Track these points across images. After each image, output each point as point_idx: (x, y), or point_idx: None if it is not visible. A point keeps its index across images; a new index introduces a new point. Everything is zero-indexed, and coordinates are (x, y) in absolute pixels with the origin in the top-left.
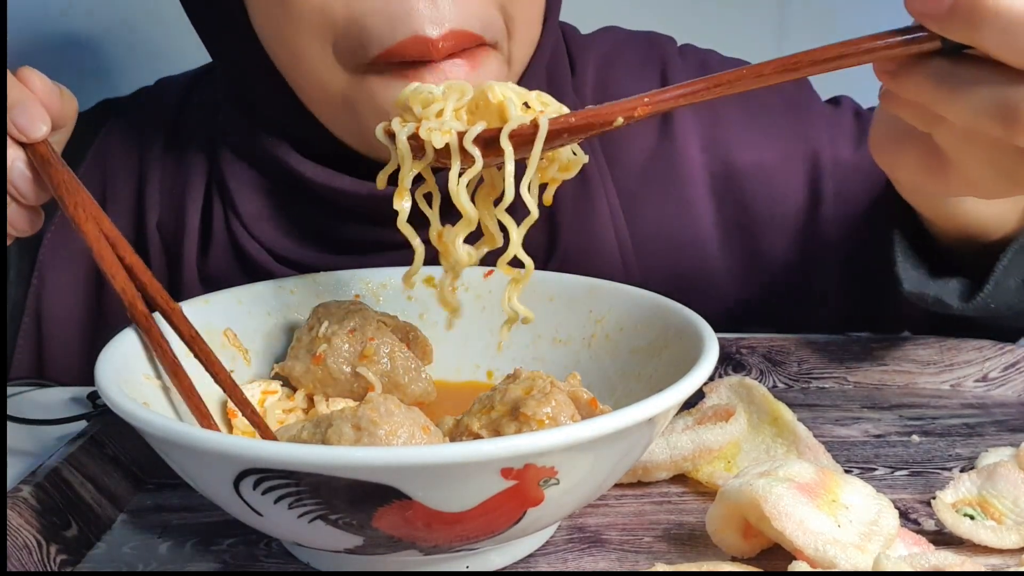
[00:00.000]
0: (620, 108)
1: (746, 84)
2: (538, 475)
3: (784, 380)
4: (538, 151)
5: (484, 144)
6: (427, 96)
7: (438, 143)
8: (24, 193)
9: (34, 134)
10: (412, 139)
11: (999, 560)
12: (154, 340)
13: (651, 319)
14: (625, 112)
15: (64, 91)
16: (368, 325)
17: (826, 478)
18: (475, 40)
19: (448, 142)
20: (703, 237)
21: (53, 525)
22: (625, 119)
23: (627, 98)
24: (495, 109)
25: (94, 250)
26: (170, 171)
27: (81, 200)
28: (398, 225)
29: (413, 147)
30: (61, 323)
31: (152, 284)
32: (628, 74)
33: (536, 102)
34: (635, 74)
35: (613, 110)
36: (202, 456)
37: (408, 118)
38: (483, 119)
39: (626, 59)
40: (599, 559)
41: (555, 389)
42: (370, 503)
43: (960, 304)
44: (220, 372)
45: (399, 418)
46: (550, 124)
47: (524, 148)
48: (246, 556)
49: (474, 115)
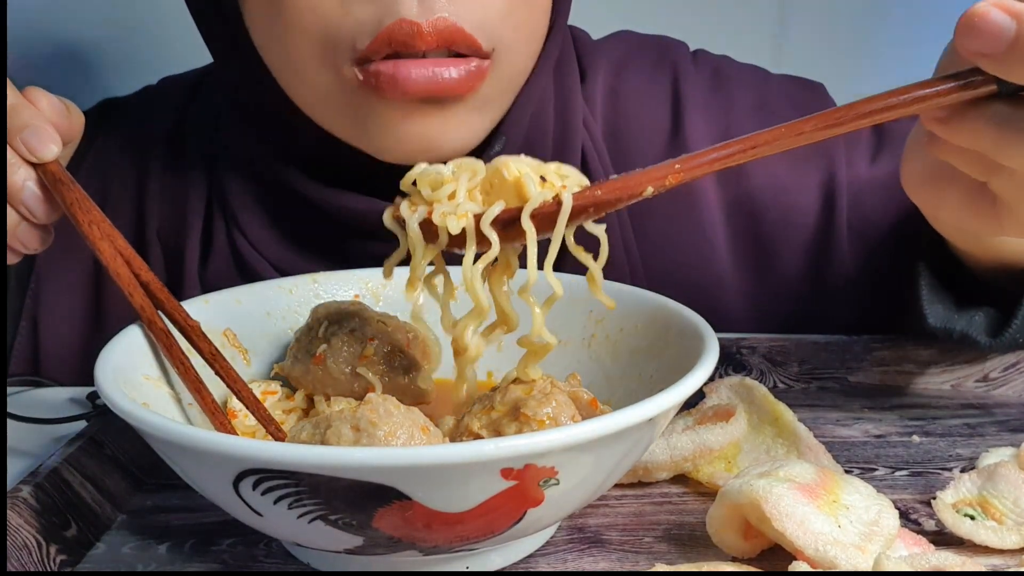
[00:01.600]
0: (649, 177)
1: (785, 144)
2: (538, 475)
3: (784, 380)
4: (561, 229)
5: (502, 226)
6: (436, 177)
7: (454, 229)
8: (35, 212)
9: (45, 155)
10: (424, 224)
11: (999, 560)
12: (175, 359)
13: (651, 319)
14: (655, 181)
15: (71, 107)
16: (368, 325)
17: (826, 478)
18: (467, 40)
19: (464, 226)
20: (714, 255)
21: (53, 525)
22: (656, 188)
23: (657, 165)
24: (511, 186)
25: (110, 268)
26: (171, 180)
27: (95, 218)
28: (412, 320)
29: (424, 232)
30: (59, 326)
31: (169, 301)
32: (639, 80)
33: (554, 175)
34: (646, 80)
35: (642, 180)
36: (202, 456)
37: (416, 200)
38: (499, 198)
39: (637, 65)
40: (599, 559)
41: (556, 389)
42: (370, 503)
43: (987, 341)
44: (243, 389)
45: (398, 418)
46: (574, 199)
47: (546, 227)
48: (246, 556)
49: (489, 195)
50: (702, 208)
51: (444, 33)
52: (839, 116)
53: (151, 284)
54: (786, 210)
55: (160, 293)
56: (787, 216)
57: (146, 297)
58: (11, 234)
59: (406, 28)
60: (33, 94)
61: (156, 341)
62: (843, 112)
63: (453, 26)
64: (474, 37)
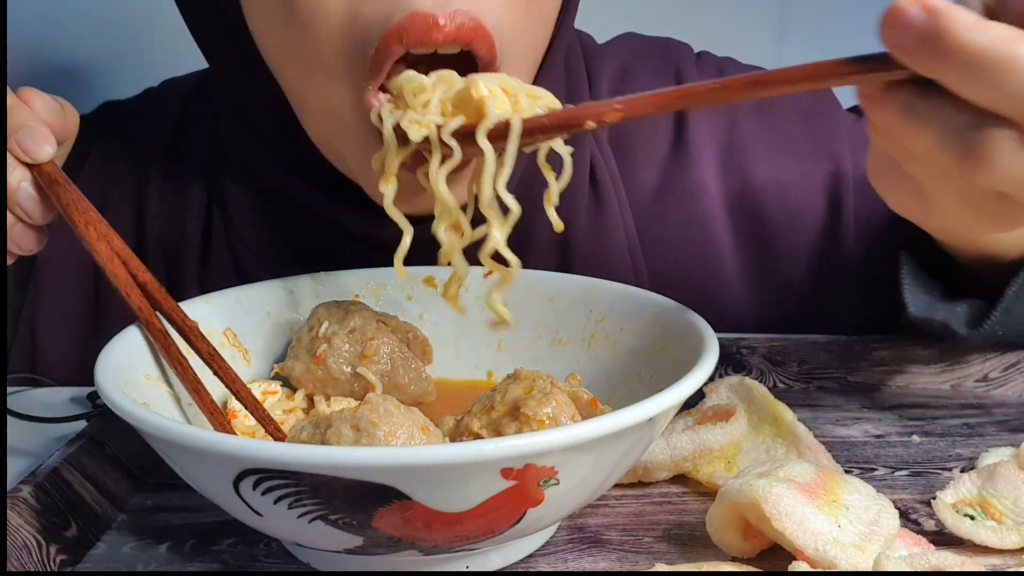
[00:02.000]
0: (591, 112)
1: (715, 99)
2: (538, 475)
3: (784, 380)
4: (512, 149)
5: (462, 138)
6: (419, 85)
7: (415, 137)
8: (31, 214)
9: (40, 156)
10: (397, 127)
11: (999, 560)
12: (173, 359)
13: (651, 319)
14: (596, 116)
15: (65, 106)
16: (368, 325)
17: (826, 478)
18: (486, 40)
19: (427, 135)
20: (717, 252)
21: (53, 525)
22: (597, 123)
23: (600, 102)
24: (477, 104)
25: (107, 269)
26: (171, 183)
27: (91, 219)
28: (385, 207)
29: (399, 135)
30: (58, 326)
31: (167, 301)
32: (643, 84)
33: (526, 98)
34: (650, 83)
35: (585, 113)
36: (202, 456)
37: (400, 104)
38: (465, 112)
39: (641, 69)
40: (599, 559)
41: (556, 389)
42: (370, 503)
43: (967, 331)
44: (242, 390)
45: (398, 419)
46: (523, 123)
47: (501, 144)
48: (246, 556)
49: (458, 108)
50: (706, 208)
51: (463, 28)
52: (765, 79)
53: (148, 284)
54: (790, 210)
55: (157, 293)
56: (790, 210)
57: (143, 298)
58: (7, 235)
59: (419, 21)
60: (27, 94)
61: (154, 341)
62: (769, 76)
63: (473, 20)
64: (492, 37)
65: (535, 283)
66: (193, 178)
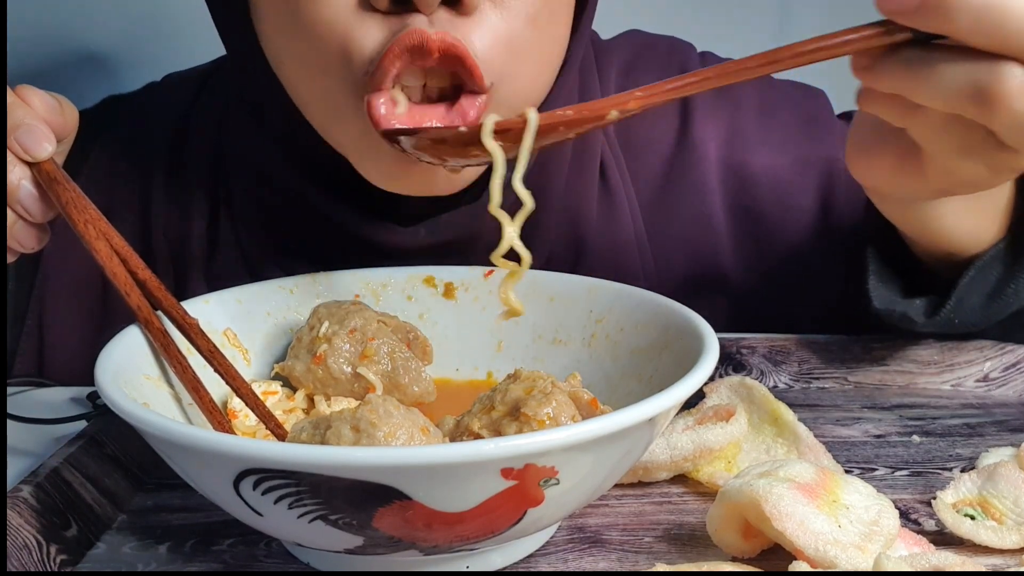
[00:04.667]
0: (613, 102)
1: (732, 77)
2: (538, 475)
3: (785, 380)
4: (528, 145)
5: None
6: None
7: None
8: (31, 212)
9: (39, 154)
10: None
11: (1000, 560)
12: (173, 359)
13: (651, 319)
14: (618, 106)
15: (64, 103)
16: (368, 325)
17: (826, 478)
18: (470, 69)
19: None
20: (718, 245)
21: (53, 525)
22: (620, 113)
23: (619, 94)
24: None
25: (106, 268)
26: (176, 179)
27: (90, 217)
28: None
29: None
30: (65, 326)
31: (167, 299)
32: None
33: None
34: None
35: (607, 104)
36: (202, 456)
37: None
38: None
39: (646, 65)
40: (599, 559)
41: (556, 389)
42: (370, 503)
43: (924, 320)
44: (243, 387)
45: (398, 419)
46: (547, 118)
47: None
48: (246, 556)
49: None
50: (708, 202)
51: (449, 52)
52: (778, 55)
53: (148, 282)
54: (785, 207)
55: (158, 291)
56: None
57: (143, 297)
58: (8, 233)
59: (416, 37)
60: (25, 92)
61: (153, 341)
62: (781, 52)
63: (457, 45)
64: (477, 67)
65: (535, 283)
66: (199, 171)
